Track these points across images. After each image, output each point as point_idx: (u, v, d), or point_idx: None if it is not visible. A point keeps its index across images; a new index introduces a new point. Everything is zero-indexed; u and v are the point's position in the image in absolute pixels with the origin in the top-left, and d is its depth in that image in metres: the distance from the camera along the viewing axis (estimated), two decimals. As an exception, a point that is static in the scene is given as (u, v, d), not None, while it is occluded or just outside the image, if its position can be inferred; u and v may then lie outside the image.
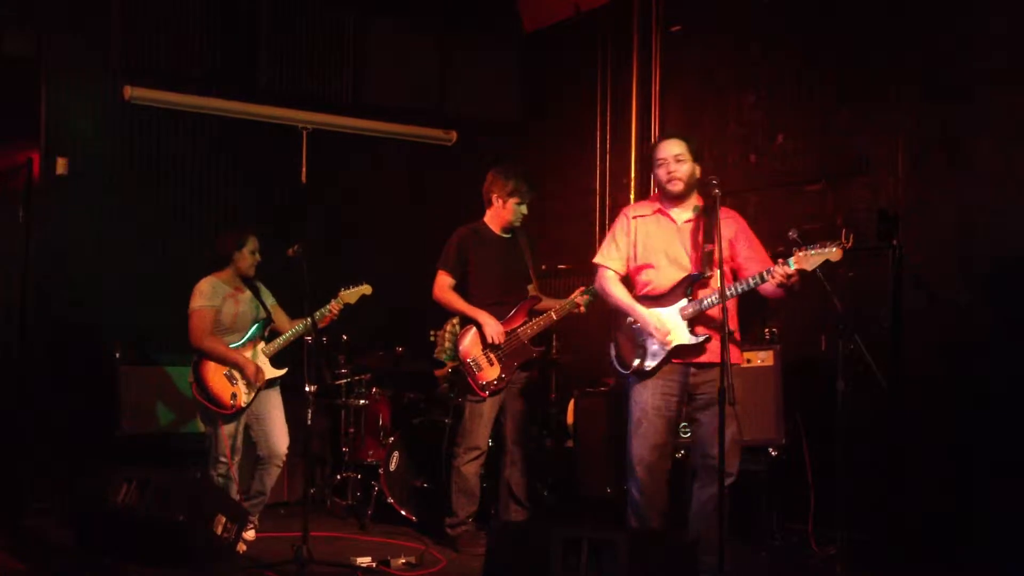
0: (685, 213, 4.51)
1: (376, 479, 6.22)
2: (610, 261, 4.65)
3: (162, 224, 6.83)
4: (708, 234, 4.27)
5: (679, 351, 4.40)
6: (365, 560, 5.09)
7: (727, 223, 4.45)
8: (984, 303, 5.11)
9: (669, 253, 4.48)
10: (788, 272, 4.11)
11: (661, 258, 4.49)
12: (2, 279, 6.63)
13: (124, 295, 6.55)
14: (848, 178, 5.73)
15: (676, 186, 4.44)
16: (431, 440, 6.08)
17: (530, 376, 5.61)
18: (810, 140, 5.98)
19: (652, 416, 4.43)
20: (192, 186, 7.03)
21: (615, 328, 4.63)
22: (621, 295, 4.59)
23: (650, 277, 4.52)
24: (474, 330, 5.46)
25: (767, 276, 4.16)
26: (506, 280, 5.59)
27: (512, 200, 5.56)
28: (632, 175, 7.01)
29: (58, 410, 6.34)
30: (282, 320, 5.68)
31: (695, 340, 4.35)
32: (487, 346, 5.43)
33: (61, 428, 6.31)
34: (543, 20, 7.83)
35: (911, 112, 5.46)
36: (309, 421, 5.08)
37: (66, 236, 6.53)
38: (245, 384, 5.43)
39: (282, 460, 5.57)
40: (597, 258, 4.73)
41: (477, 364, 5.42)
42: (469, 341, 5.46)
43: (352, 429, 6.65)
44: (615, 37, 7.24)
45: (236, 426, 5.44)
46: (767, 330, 5.55)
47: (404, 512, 6.08)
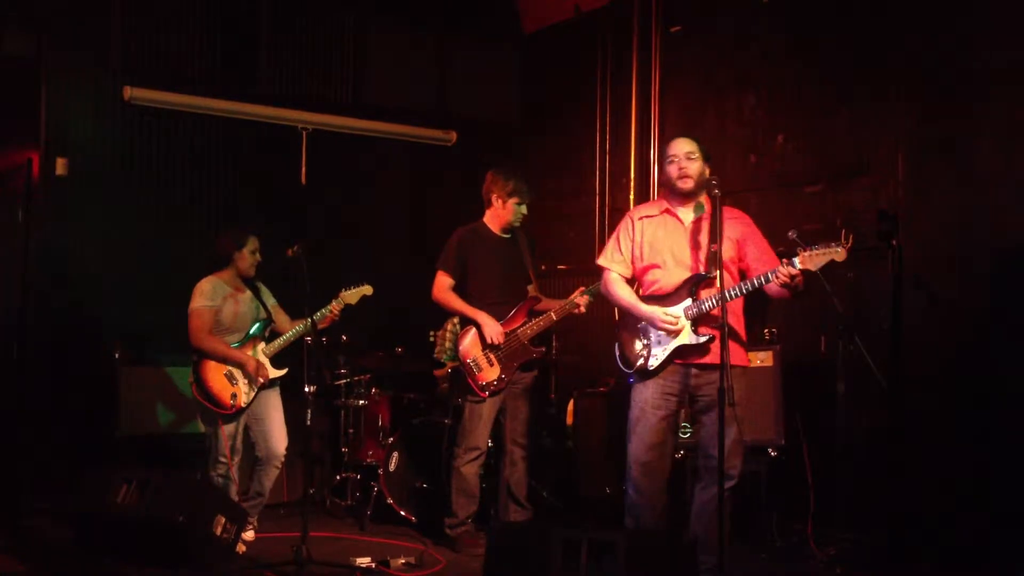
0: (692, 213, 4.50)
1: (376, 479, 6.21)
2: (613, 264, 4.65)
3: (162, 224, 6.83)
4: (715, 235, 4.26)
5: (682, 351, 4.39)
6: (364, 560, 5.09)
7: (735, 224, 4.45)
8: (984, 303, 5.11)
9: (675, 253, 4.47)
10: (793, 272, 4.10)
11: (668, 258, 4.48)
12: (2, 279, 6.62)
13: (124, 295, 6.55)
14: (848, 179, 5.72)
15: (686, 183, 4.43)
16: (431, 440, 6.09)
17: (530, 376, 5.61)
18: (810, 141, 5.98)
19: (651, 415, 4.43)
20: (192, 186, 7.03)
21: (620, 326, 4.63)
22: (624, 295, 4.59)
23: (657, 277, 4.51)
24: (474, 331, 5.46)
25: (772, 277, 4.16)
26: (506, 280, 5.58)
27: (512, 200, 5.55)
28: (632, 175, 7.01)
29: (58, 410, 6.35)
30: (283, 321, 5.68)
31: (699, 340, 4.35)
32: (487, 346, 5.42)
33: (61, 428, 6.31)
34: (543, 20, 7.83)
35: (911, 112, 5.46)
36: (309, 421, 5.09)
37: (66, 236, 6.53)
38: (245, 384, 5.43)
39: (281, 461, 5.57)
40: (600, 260, 4.73)
41: (477, 364, 5.42)
42: (469, 342, 5.46)
43: (352, 429, 6.65)
44: (615, 37, 7.23)
45: (236, 426, 5.44)
46: (767, 330, 5.55)
47: (403, 512, 6.08)
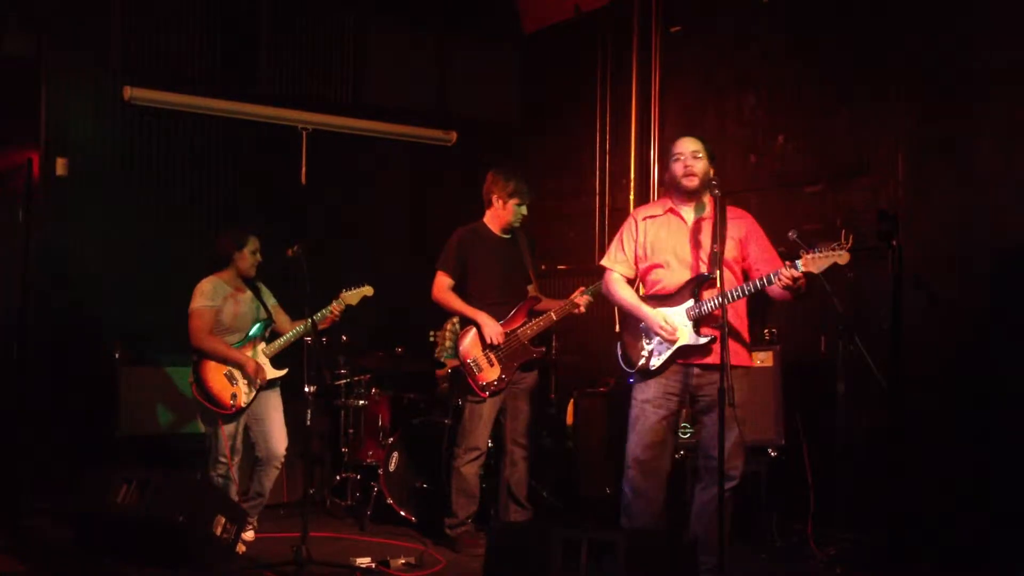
0: (695, 213, 4.51)
1: (375, 479, 6.21)
2: (616, 264, 4.65)
3: (162, 224, 6.83)
4: (716, 235, 4.26)
5: (684, 352, 4.39)
6: (364, 560, 5.09)
7: (738, 223, 4.45)
8: (984, 303, 5.11)
9: (678, 253, 4.47)
10: (796, 275, 4.10)
11: (671, 258, 4.48)
12: (2, 279, 6.62)
13: (124, 295, 6.55)
14: (848, 179, 5.72)
15: (692, 181, 4.43)
16: (431, 441, 6.09)
17: (530, 376, 5.60)
18: (810, 141, 5.97)
19: (651, 414, 4.43)
20: (192, 186, 7.02)
21: (623, 326, 4.63)
22: (627, 295, 4.59)
23: (660, 276, 4.51)
24: (474, 331, 5.46)
25: (774, 278, 4.16)
26: (506, 281, 5.58)
27: (512, 201, 5.55)
28: (632, 175, 7.00)
29: (58, 410, 6.34)
30: (283, 321, 5.68)
31: (701, 341, 4.35)
32: (487, 347, 5.42)
33: (61, 428, 6.31)
34: (543, 20, 7.83)
35: (911, 112, 5.46)
36: (309, 422, 5.09)
37: (66, 236, 6.53)
38: (245, 384, 5.43)
39: (280, 461, 5.57)
40: (603, 260, 4.74)
41: (477, 365, 5.42)
42: (469, 342, 5.45)
43: (352, 430, 6.65)
44: (615, 37, 7.23)
45: (236, 426, 5.44)
46: (767, 331, 5.55)
47: (403, 513, 6.07)
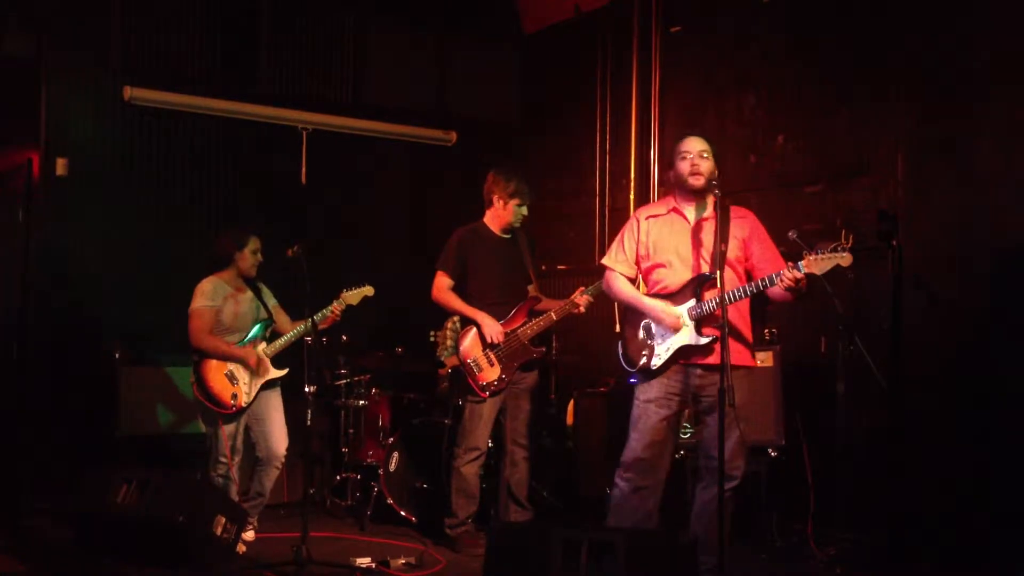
0: (699, 212, 4.51)
1: (376, 479, 6.21)
2: (616, 264, 4.65)
3: (162, 224, 6.83)
4: (721, 235, 4.26)
5: (685, 352, 4.38)
6: (364, 560, 5.09)
7: (741, 223, 4.45)
8: (984, 303, 5.11)
9: (681, 253, 4.47)
10: (798, 276, 4.10)
11: (673, 258, 4.48)
12: (2, 279, 6.62)
13: (124, 295, 6.55)
14: (848, 179, 5.72)
15: (698, 180, 4.43)
16: (431, 441, 6.08)
17: (531, 376, 5.60)
18: (810, 141, 5.97)
19: (653, 415, 4.42)
20: (192, 186, 7.03)
21: (625, 325, 4.63)
22: (627, 290, 4.60)
23: (662, 276, 4.51)
24: (474, 331, 5.45)
25: (776, 279, 4.15)
26: (506, 281, 5.58)
27: (513, 201, 5.55)
28: (632, 175, 7.00)
29: (58, 410, 6.34)
30: (283, 321, 5.68)
31: (702, 341, 4.34)
32: (487, 346, 5.42)
33: (61, 428, 6.31)
34: (543, 20, 7.82)
35: (911, 112, 5.45)
36: (309, 422, 5.09)
37: (66, 236, 6.53)
38: (246, 384, 5.43)
39: (281, 461, 5.57)
40: (604, 260, 4.74)
41: (477, 365, 5.42)
42: (469, 342, 5.45)
43: (352, 430, 6.65)
44: (615, 38, 7.23)
45: (236, 426, 5.44)
46: (767, 331, 5.55)
47: (403, 513, 6.07)
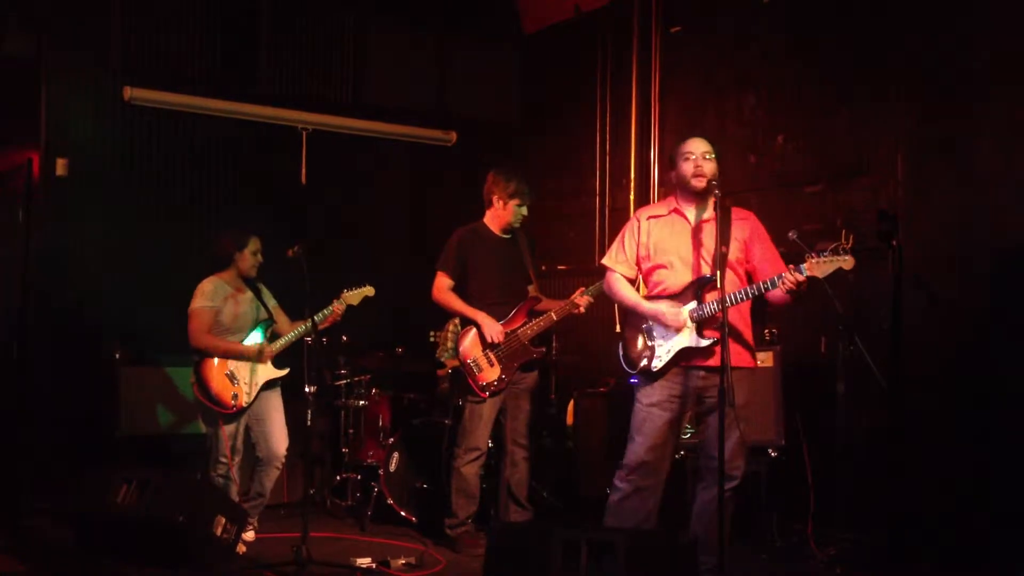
0: (700, 214, 4.50)
1: (376, 480, 6.21)
2: (616, 265, 4.65)
3: (162, 224, 6.83)
4: (722, 236, 4.27)
5: (687, 354, 4.38)
6: (365, 561, 5.09)
7: (742, 224, 4.45)
8: (984, 303, 5.11)
9: (682, 254, 4.47)
10: (800, 279, 4.09)
11: (675, 259, 4.47)
12: (2, 279, 6.62)
13: (124, 295, 6.54)
14: (848, 179, 5.72)
15: (701, 182, 4.42)
16: (431, 441, 6.09)
17: (531, 377, 5.60)
18: (810, 141, 5.97)
19: (656, 417, 4.41)
20: (192, 186, 7.03)
21: (626, 327, 4.63)
22: (627, 293, 4.60)
23: (663, 277, 4.50)
24: (474, 331, 5.46)
25: (778, 282, 4.15)
26: (506, 281, 5.58)
27: (513, 202, 5.55)
28: (632, 175, 7.00)
29: (58, 410, 6.35)
30: (283, 322, 5.68)
31: (703, 343, 4.34)
32: (487, 347, 5.42)
33: (61, 428, 6.31)
34: (543, 20, 7.82)
35: (911, 112, 5.45)
36: (309, 422, 5.09)
37: (66, 236, 6.53)
38: (246, 384, 5.43)
39: (281, 462, 5.57)
40: (604, 260, 4.74)
41: (477, 365, 5.42)
42: (469, 342, 5.45)
43: (352, 430, 6.65)
44: (615, 38, 7.23)
45: (237, 427, 5.44)
46: (767, 331, 5.55)
47: (404, 513, 6.07)
